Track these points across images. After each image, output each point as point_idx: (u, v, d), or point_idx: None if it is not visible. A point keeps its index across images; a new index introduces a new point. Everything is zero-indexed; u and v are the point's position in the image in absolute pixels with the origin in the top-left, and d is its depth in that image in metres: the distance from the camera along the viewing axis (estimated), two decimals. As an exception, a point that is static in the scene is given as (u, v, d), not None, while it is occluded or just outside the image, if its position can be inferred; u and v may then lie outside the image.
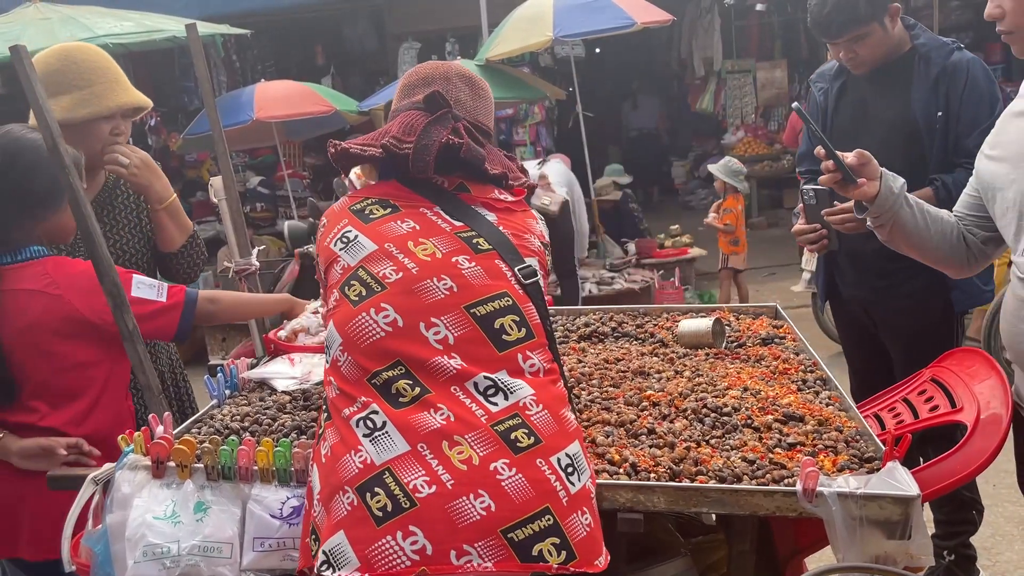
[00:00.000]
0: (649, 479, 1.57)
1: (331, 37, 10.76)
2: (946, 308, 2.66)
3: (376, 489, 1.40)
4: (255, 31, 8.67)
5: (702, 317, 2.39)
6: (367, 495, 1.40)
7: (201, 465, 1.69)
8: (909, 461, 1.55)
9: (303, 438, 1.79)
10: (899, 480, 1.47)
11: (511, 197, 1.72)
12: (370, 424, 1.45)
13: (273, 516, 1.64)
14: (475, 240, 1.61)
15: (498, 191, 1.70)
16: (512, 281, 1.59)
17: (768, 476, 1.56)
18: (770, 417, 1.78)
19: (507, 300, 1.56)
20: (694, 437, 1.73)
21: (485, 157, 1.67)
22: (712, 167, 6.89)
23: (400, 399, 1.47)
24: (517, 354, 1.53)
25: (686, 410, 1.84)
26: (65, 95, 2.19)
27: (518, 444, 1.44)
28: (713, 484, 1.54)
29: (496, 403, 1.48)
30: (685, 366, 2.14)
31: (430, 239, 1.60)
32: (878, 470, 1.53)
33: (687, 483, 1.56)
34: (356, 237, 1.61)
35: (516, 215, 1.70)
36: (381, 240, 1.59)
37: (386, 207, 1.65)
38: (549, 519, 1.40)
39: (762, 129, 10.87)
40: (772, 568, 1.92)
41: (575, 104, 7.14)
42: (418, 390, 1.47)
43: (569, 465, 1.47)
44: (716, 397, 1.89)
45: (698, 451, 1.66)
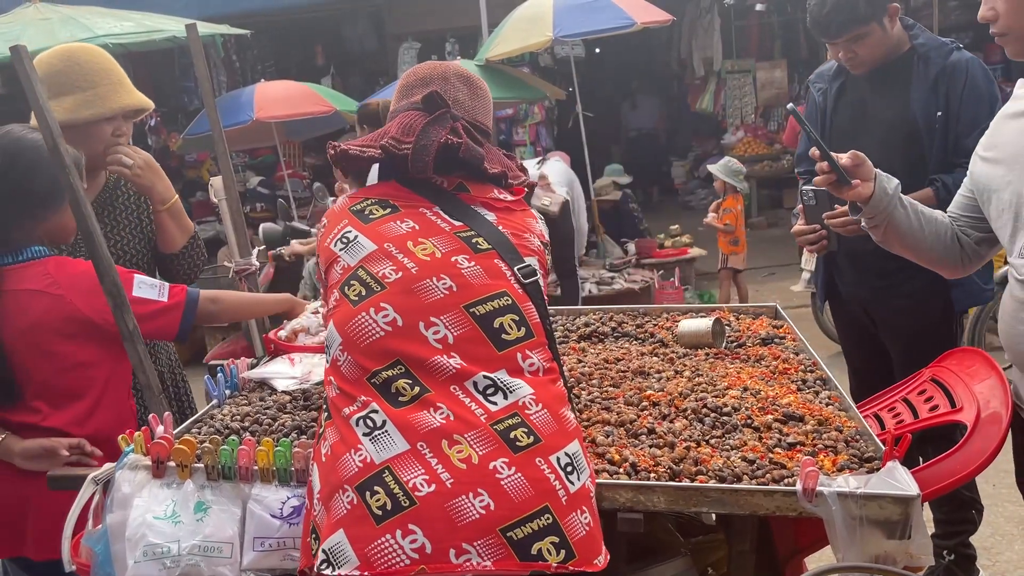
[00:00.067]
0: (649, 479, 1.58)
1: (331, 37, 10.76)
2: (946, 307, 2.66)
3: (376, 488, 1.40)
4: (255, 31, 8.67)
5: (702, 317, 2.39)
6: (367, 494, 1.40)
7: (201, 465, 1.69)
8: (909, 461, 1.55)
9: (303, 438, 1.79)
10: (899, 480, 1.47)
11: (511, 196, 1.72)
12: (370, 423, 1.45)
13: (273, 516, 1.64)
14: (474, 240, 1.61)
15: (497, 190, 1.71)
16: (511, 280, 1.59)
17: (768, 476, 1.56)
18: (770, 417, 1.78)
19: (506, 299, 1.56)
20: (694, 437, 1.73)
21: (484, 156, 1.67)
22: (712, 167, 6.90)
23: (400, 398, 1.47)
24: (516, 353, 1.54)
25: (686, 410, 1.84)
26: (68, 96, 2.19)
27: (517, 443, 1.44)
28: (713, 484, 1.55)
29: (495, 402, 1.48)
30: (685, 366, 2.14)
31: (429, 239, 1.60)
32: (878, 470, 1.53)
33: (687, 483, 1.56)
34: (356, 237, 1.61)
35: (516, 214, 1.70)
36: (381, 240, 1.60)
37: (386, 207, 1.65)
38: (548, 518, 1.40)
39: (762, 129, 10.87)
40: (772, 568, 1.92)
41: (575, 104, 7.14)
42: (417, 389, 1.48)
43: (568, 464, 1.47)
44: (716, 397, 1.89)
45: (698, 451, 1.66)
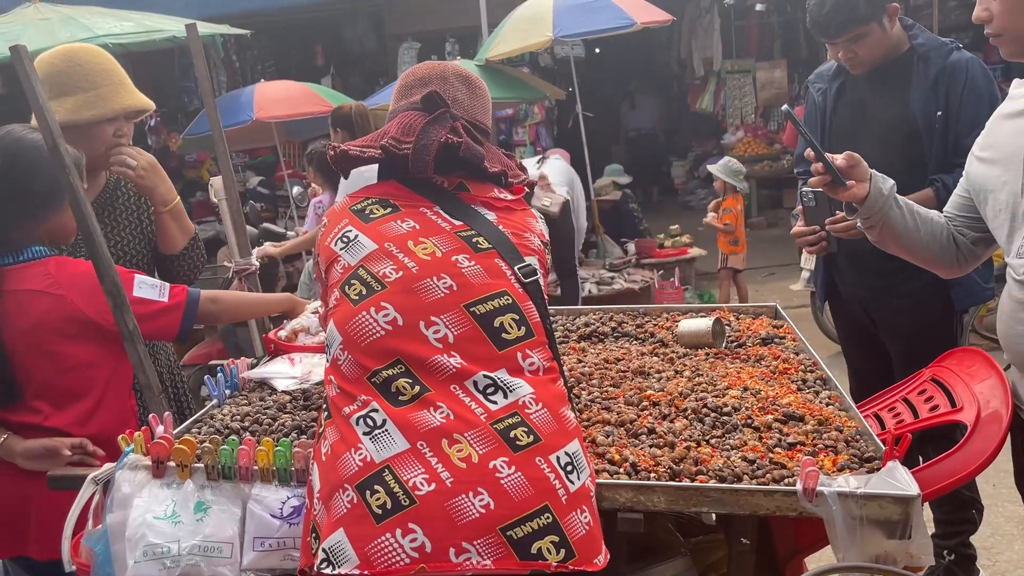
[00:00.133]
0: (649, 479, 1.57)
1: (331, 37, 10.77)
2: (946, 307, 2.66)
3: (376, 487, 1.40)
4: (255, 31, 8.67)
5: (702, 317, 2.39)
6: (367, 493, 1.40)
7: (201, 465, 1.69)
8: (909, 461, 1.55)
9: (303, 438, 1.79)
10: (899, 480, 1.47)
11: (511, 196, 1.72)
12: (370, 422, 1.45)
13: (273, 516, 1.64)
14: (475, 239, 1.61)
15: (497, 190, 1.71)
16: (512, 280, 1.59)
17: (768, 476, 1.56)
18: (770, 417, 1.78)
19: (507, 299, 1.56)
20: (694, 437, 1.73)
21: (484, 155, 1.67)
22: (712, 167, 6.90)
23: (400, 397, 1.47)
24: (516, 352, 1.54)
25: (686, 410, 1.84)
26: (70, 96, 2.19)
27: (517, 442, 1.44)
28: (713, 484, 1.54)
29: (496, 401, 1.48)
30: (685, 366, 2.14)
31: (430, 238, 1.60)
32: (878, 470, 1.53)
33: (687, 483, 1.56)
34: (356, 237, 1.61)
35: (516, 214, 1.70)
36: (381, 239, 1.60)
37: (386, 207, 1.65)
38: (548, 517, 1.40)
39: (762, 129, 10.87)
40: (772, 568, 1.92)
41: (575, 104, 7.14)
42: (418, 388, 1.48)
43: (568, 463, 1.47)
44: (716, 397, 1.89)
45: (698, 451, 1.66)
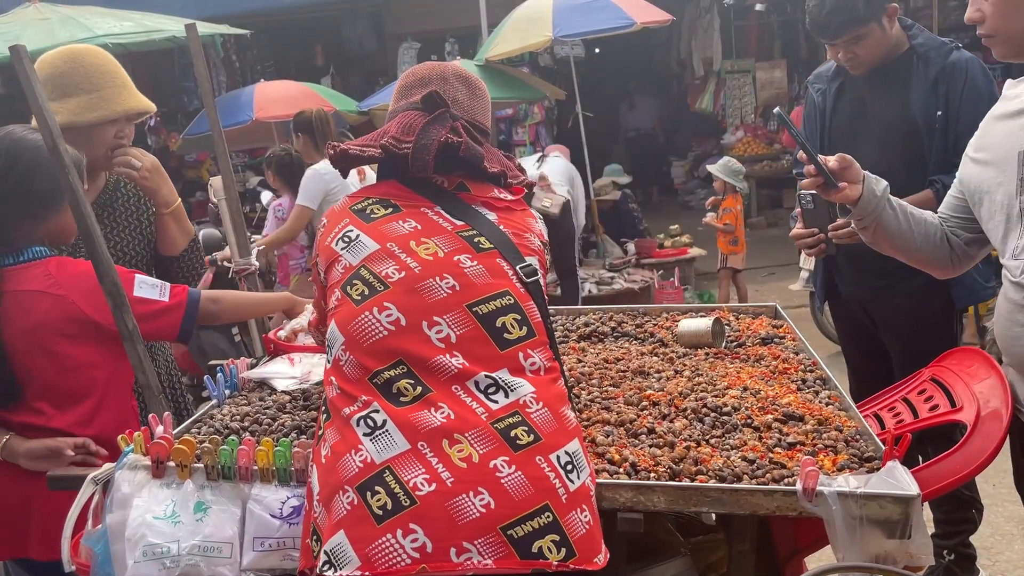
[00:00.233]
0: (649, 479, 1.57)
1: (330, 37, 10.77)
2: (946, 306, 2.66)
3: (376, 488, 1.40)
4: (254, 31, 8.67)
5: (702, 317, 2.39)
6: (367, 494, 1.40)
7: (201, 465, 1.69)
8: (909, 460, 1.55)
9: (303, 438, 1.79)
10: (899, 479, 1.47)
11: (510, 196, 1.72)
12: (370, 423, 1.45)
13: (273, 516, 1.64)
14: (476, 239, 1.61)
15: (497, 190, 1.71)
16: (513, 280, 1.60)
17: (768, 475, 1.55)
18: (770, 417, 1.78)
19: (509, 299, 1.56)
20: (694, 437, 1.73)
21: (484, 155, 1.67)
22: (711, 167, 6.90)
23: (401, 398, 1.47)
24: (518, 352, 1.54)
25: (686, 410, 1.84)
26: (72, 98, 2.19)
27: (518, 442, 1.44)
28: (713, 484, 1.54)
29: (497, 401, 1.48)
30: (685, 366, 2.14)
31: (432, 238, 1.60)
32: (878, 469, 1.53)
33: (687, 483, 1.56)
34: (358, 236, 1.61)
35: (516, 214, 1.71)
36: (383, 240, 1.60)
37: (387, 207, 1.65)
38: (549, 516, 1.40)
39: (761, 129, 10.87)
40: (772, 568, 1.92)
41: (575, 104, 7.14)
42: (420, 389, 1.48)
43: (569, 463, 1.47)
44: (716, 397, 1.89)
45: (698, 451, 1.66)
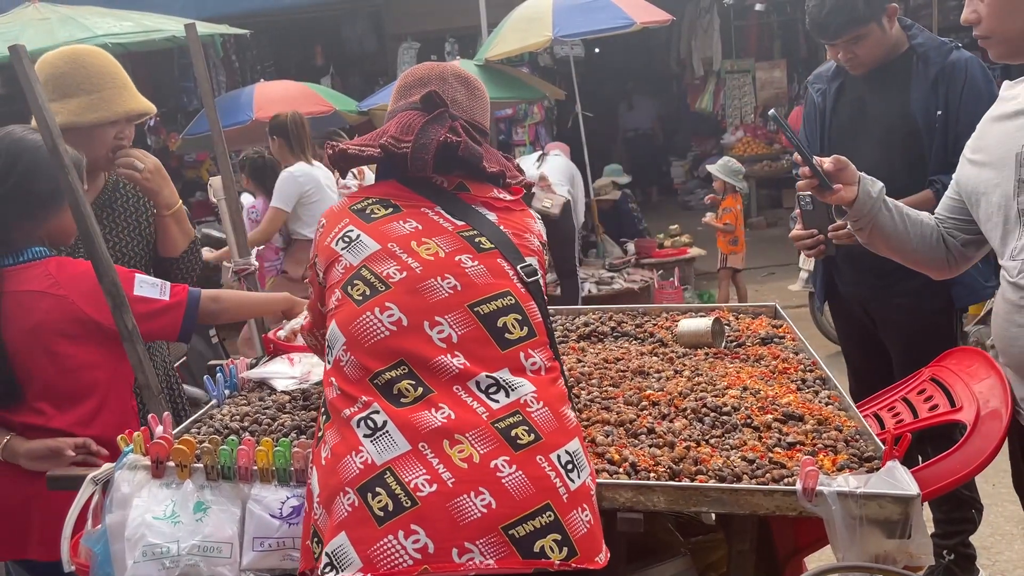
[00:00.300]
0: (649, 479, 1.57)
1: (330, 37, 10.76)
2: (946, 305, 2.66)
3: (377, 489, 1.40)
4: (254, 31, 8.66)
5: (701, 317, 2.39)
6: (368, 495, 1.40)
7: (201, 465, 1.69)
8: (908, 460, 1.55)
9: (303, 438, 1.79)
10: (899, 479, 1.47)
11: (509, 196, 1.73)
12: (371, 424, 1.45)
13: (273, 516, 1.64)
14: (477, 239, 1.61)
15: (497, 190, 1.71)
16: (514, 280, 1.60)
17: (768, 475, 1.56)
18: (770, 416, 1.78)
19: (510, 299, 1.57)
20: (694, 436, 1.73)
21: (483, 155, 1.67)
22: (711, 167, 6.89)
23: (402, 399, 1.47)
24: (519, 352, 1.54)
25: (686, 409, 1.84)
26: (73, 98, 2.19)
27: (518, 441, 1.44)
28: (713, 483, 1.54)
29: (497, 400, 1.48)
30: (684, 365, 2.14)
31: (433, 238, 1.60)
32: (878, 469, 1.53)
33: (687, 482, 1.56)
34: (358, 236, 1.61)
35: (515, 214, 1.71)
36: (384, 240, 1.60)
37: (387, 207, 1.65)
38: (550, 516, 1.40)
39: (761, 129, 10.86)
40: (772, 567, 1.92)
41: (574, 104, 7.14)
42: (421, 390, 1.47)
43: (569, 462, 1.47)
44: (716, 396, 1.89)
45: (698, 450, 1.66)
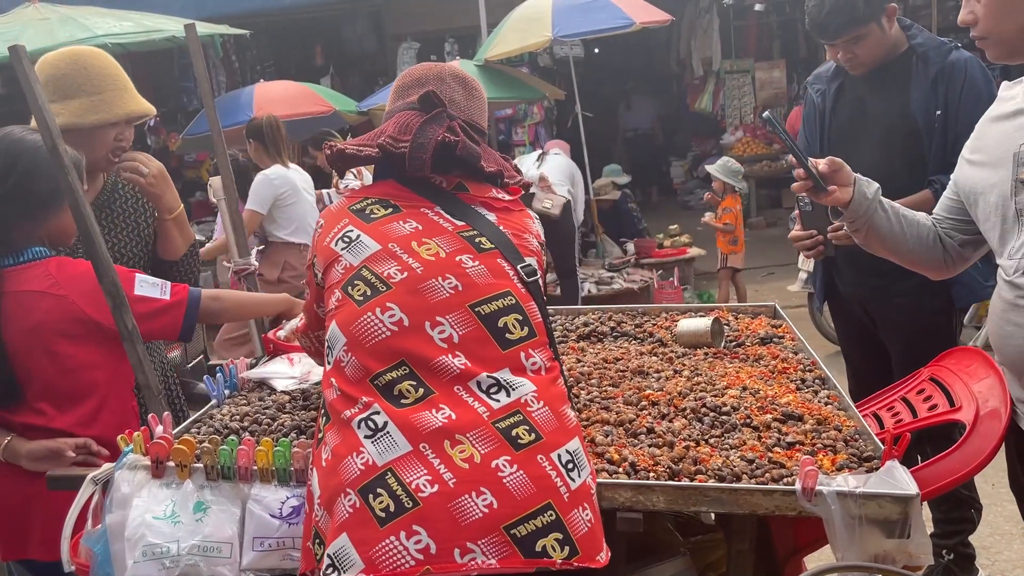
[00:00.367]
0: (648, 478, 1.58)
1: (330, 37, 10.77)
2: (946, 305, 2.66)
3: (378, 490, 1.40)
4: (254, 31, 8.67)
5: (701, 316, 2.39)
6: (369, 496, 1.40)
7: (200, 465, 1.69)
8: (908, 460, 1.55)
9: (303, 438, 1.79)
10: (898, 479, 1.47)
11: (508, 196, 1.73)
12: (371, 425, 1.45)
13: (273, 516, 1.64)
14: (477, 239, 1.61)
15: (496, 190, 1.71)
16: (514, 280, 1.60)
17: (767, 475, 1.56)
18: (769, 416, 1.78)
19: (510, 299, 1.57)
20: (693, 436, 1.73)
21: (480, 155, 1.67)
22: (710, 167, 6.90)
23: (403, 400, 1.47)
24: (520, 352, 1.54)
25: (685, 409, 1.84)
26: (74, 100, 2.20)
27: (519, 441, 1.44)
28: (712, 483, 1.55)
29: (498, 400, 1.48)
30: (684, 365, 2.15)
31: (433, 239, 1.60)
32: (877, 469, 1.53)
33: (686, 482, 1.56)
34: (358, 237, 1.61)
35: (514, 214, 1.71)
36: (384, 240, 1.60)
37: (387, 207, 1.65)
38: (551, 515, 1.40)
39: (761, 129, 10.85)
40: (771, 567, 1.92)
41: (574, 104, 7.14)
42: (422, 391, 1.47)
43: (570, 461, 1.47)
44: (715, 396, 1.89)
45: (697, 450, 1.66)
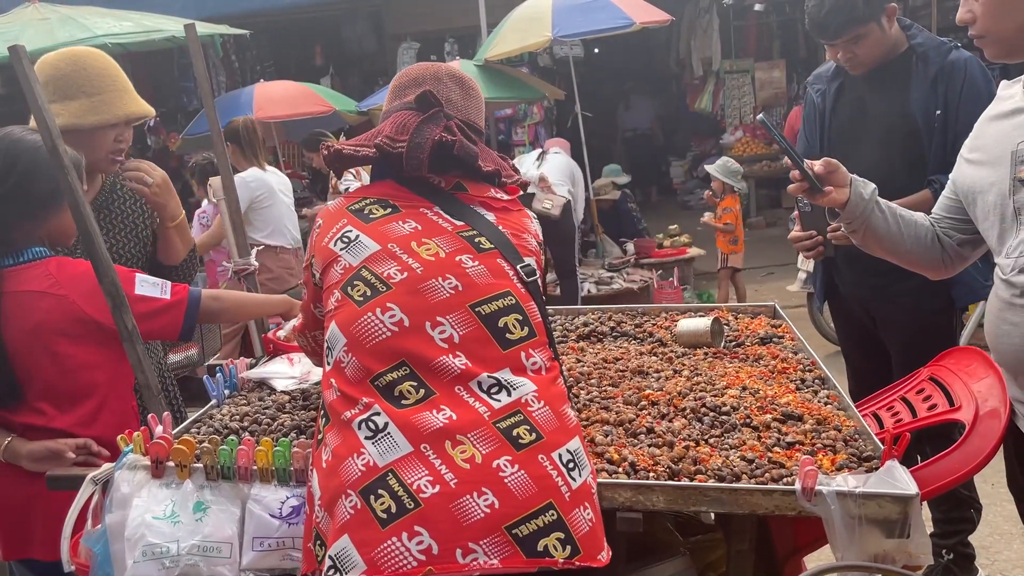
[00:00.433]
0: (648, 478, 1.58)
1: (330, 37, 10.77)
2: (947, 304, 2.66)
3: (380, 491, 1.39)
4: (254, 31, 8.66)
5: (701, 316, 2.39)
6: (371, 498, 1.39)
7: (200, 465, 1.69)
8: (907, 460, 1.55)
9: (302, 438, 1.79)
10: (898, 479, 1.47)
11: (506, 196, 1.73)
12: (372, 426, 1.45)
13: (272, 516, 1.64)
14: (477, 239, 1.61)
15: (494, 189, 1.71)
16: (514, 280, 1.60)
17: (767, 475, 1.56)
18: (769, 416, 1.78)
19: (510, 299, 1.57)
20: (693, 436, 1.73)
21: (478, 154, 1.67)
22: (709, 167, 6.90)
23: (403, 401, 1.47)
24: (520, 352, 1.54)
25: (685, 409, 1.84)
26: (73, 100, 2.20)
27: (520, 440, 1.44)
28: (712, 483, 1.55)
29: (499, 399, 1.48)
30: (684, 365, 2.15)
31: (433, 239, 1.60)
32: (877, 469, 1.53)
33: (686, 482, 1.56)
34: (357, 237, 1.61)
35: (513, 214, 1.71)
36: (384, 240, 1.59)
37: (386, 207, 1.65)
38: (553, 514, 1.40)
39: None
40: (771, 567, 1.92)
41: (574, 104, 7.14)
42: (423, 392, 1.47)
43: (570, 461, 1.47)
44: (715, 396, 1.89)
45: (697, 450, 1.66)
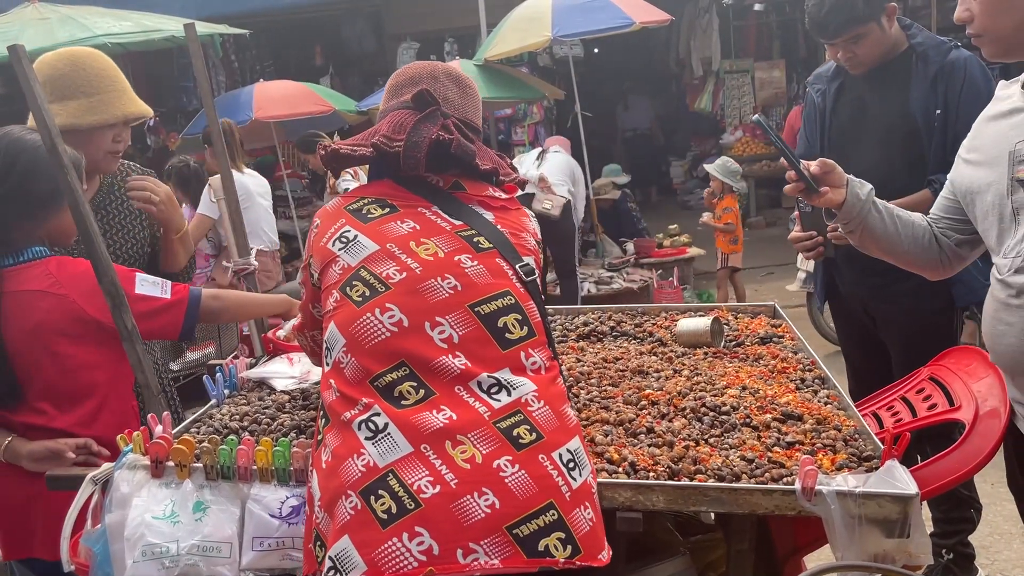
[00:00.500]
0: (648, 478, 1.58)
1: (330, 37, 10.77)
2: (947, 304, 2.66)
3: (380, 492, 1.39)
4: (254, 31, 8.66)
5: (701, 316, 2.39)
6: (371, 498, 1.39)
7: (200, 465, 1.69)
8: (907, 459, 1.55)
9: (302, 437, 1.79)
10: (898, 478, 1.47)
11: (504, 195, 1.73)
12: (372, 426, 1.45)
13: (272, 516, 1.64)
14: (476, 239, 1.61)
15: (492, 188, 1.71)
16: (513, 279, 1.60)
17: (767, 475, 1.56)
18: (769, 416, 1.78)
19: (510, 299, 1.57)
20: (693, 436, 1.73)
21: (475, 153, 1.67)
22: (709, 167, 6.90)
23: (403, 401, 1.47)
24: (520, 352, 1.54)
25: (685, 409, 1.84)
26: (72, 100, 2.20)
27: (520, 440, 1.44)
28: (712, 483, 1.55)
29: (499, 399, 1.48)
30: (684, 365, 2.15)
31: (432, 239, 1.60)
32: (877, 468, 1.53)
33: (686, 482, 1.56)
34: (356, 237, 1.61)
35: (511, 213, 1.71)
36: (383, 240, 1.59)
37: (384, 207, 1.65)
38: (554, 514, 1.40)
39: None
40: (771, 567, 1.92)
41: (574, 104, 7.14)
42: (423, 392, 1.47)
43: (571, 460, 1.47)
44: (715, 396, 1.89)
45: (697, 450, 1.66)
